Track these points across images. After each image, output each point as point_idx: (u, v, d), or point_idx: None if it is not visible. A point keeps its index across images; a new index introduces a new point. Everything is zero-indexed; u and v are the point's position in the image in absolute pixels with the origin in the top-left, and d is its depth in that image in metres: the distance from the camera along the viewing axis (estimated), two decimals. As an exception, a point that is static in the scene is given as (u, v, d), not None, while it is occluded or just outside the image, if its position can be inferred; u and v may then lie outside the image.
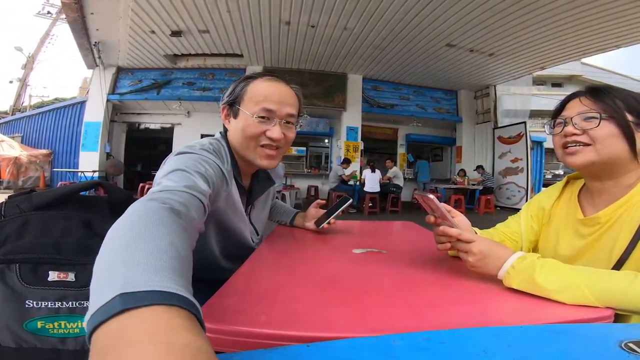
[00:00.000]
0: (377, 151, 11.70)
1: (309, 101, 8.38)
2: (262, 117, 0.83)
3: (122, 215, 0.41)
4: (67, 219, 0.56)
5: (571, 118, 0.74)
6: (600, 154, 0.71)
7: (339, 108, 8.94)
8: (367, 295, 0.58)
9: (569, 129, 0.74)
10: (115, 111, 9.17)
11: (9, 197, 0.60)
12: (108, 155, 8.88)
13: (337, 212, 1.13)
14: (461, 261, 0.70)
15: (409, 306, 0.53)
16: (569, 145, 0.75)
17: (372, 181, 7.31)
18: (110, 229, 0.38)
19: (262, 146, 0.86)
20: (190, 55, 8.25)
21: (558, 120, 0.78)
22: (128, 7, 5.98)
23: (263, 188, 1.03)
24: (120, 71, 8.85)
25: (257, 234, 1.05)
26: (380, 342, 0.36)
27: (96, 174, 8.26)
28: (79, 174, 8.19)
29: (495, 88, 9.42)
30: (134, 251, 0.32)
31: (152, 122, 9.88)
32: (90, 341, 0.24)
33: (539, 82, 15.22)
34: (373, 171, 7.37)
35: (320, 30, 6.62)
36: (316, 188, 9.36)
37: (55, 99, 17.62)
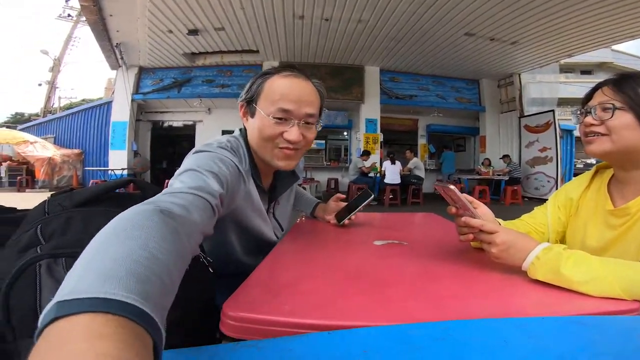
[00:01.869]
0: (396, 142, 11.54)
1: (327, 95, 8.32)
2: (279, 118, 0.79)
3: (110, 220, 0.39)
4: (107, 215, 0.60)
5: (592, 108, 0.74)
6: (616, 143, 0.71)
7: (357, 100, 8.88)
8: (388, 286, 0.59)
9: (588, 119, 0.75)
10: (140, 110, 9.50)
11: (52, 195, 0.65)
12: (135, 153, 9.23)
13: (358, 208, 1.13)
14: (484, 253, 0.70)
15: (430, 297, 0.54)
16: (589, 134, 0.76)
17: (392, 173, 7.24)
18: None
19: (280, 148, 0.82)
20: (207, 53, 8.40)
21: (583, 110, 0.78)
22: (145, 8, 6.14)
23: (287, 184, 1.00)
24: (142, 71, 9.13)
25: (282, 229, 1.04)
26: (400, 331, 0.37)
27: (125, 172, 8.61)
28: (109, 172, 8.57)
29: (519, 76, 9.13)
30: (97, 256, 0.31)
31: (175, 119, 10.15)
32: None
33: (567, 69, 14.55)
34: (393, 163, 7.30)
35: (335, 24, 6.58)
36: (336, 181, 9.36)
37: (83, 100, 18.36)
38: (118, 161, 8.73)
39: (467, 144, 11.41)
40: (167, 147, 11.37)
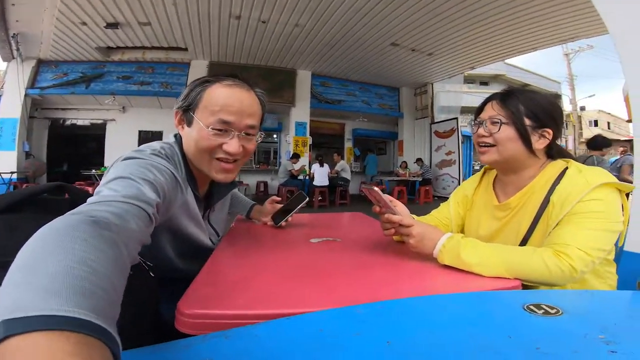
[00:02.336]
0: (324, 146, 11.92)
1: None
2: (219, 130, 0.76)
3: (36, 232, 0.36)
4: (36, 221, 0.56)
5: (484, 121, 0.88)
6: (501, 154, 0.86)
7: (288, 104, 8.94)
8: (329, 276, 0.67)
9: (480, 130, 0.89)
10: (35, 106, 8.18)
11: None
12: (27, 154, 7.90)
13: (295, 210, 1.20)
14: (404, 245, 0.82)
15: (363, 283, 0.63)
16: (480, 144, 0.90)
17: (321, 175, 7.48)
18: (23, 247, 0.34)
19: (218, 159, 0.79)
20: (126, 48, 7.62)
21: (477, 121, 0.92)
22: None
23: (224, 192, 0.99)
24: (41, 64, 7.91)
25: (218, 235, 1.04)
26: (347, 312, 0.45)
27: (14, 176, 7.31)
28: (-6, 175, 7.18)
29: (432, 86, 10.14)
30: (35, 271, 0.29)
31: (80, 117, 8.98)
32: None
33: (469, 80, 16.59)
34: (321, 165, 7.54)
35: (271, 26, 6.56)
36: (265, 184, 9.30)
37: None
38: (5, 163, 7.34)
39: (388, 148, 12.33)
40: (69, 148, 9.94)
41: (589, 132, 22.40)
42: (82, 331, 0.25)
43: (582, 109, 22.96)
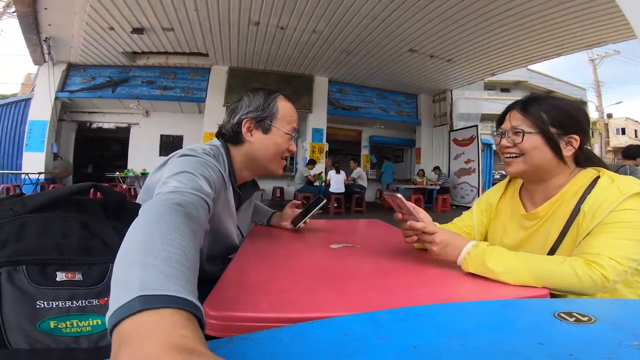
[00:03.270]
0: (341, 152, 11.92)
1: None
2: (291, 135, 0.98)
3: (140, 215, 0.48)
4: (66, 221, 0.58)
5: (506, 132, 0.86)
6: (528, 163, 0.84)
7: (305, 110, 9.00)
8: (349, 282, 0.66)
9: (503, 142, 0.87)
10: (63, 109, 8.54)
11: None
12: (55, 155, 8.24)
13: (312, 212, 1.20)
14: (426, 252, 0.80)
15: (385, 289, 0.62)
16: (505, 155, 0.88)
17: (337, 182, 7.47)
18: (130, 228, 0.44)
19: (283, 158, 1.00)
20: (151, 53, 7.89)
21: (499, 131, 0.90)
22: (87, 3, 5.62)
23: (250, 192, 1.11)
24: (71, 68, 8.25)
25: (242, 236, 1.11)
26: (372, 317, 0.44)
27: (42, 176, 7.63)
28: (23, 176, 7.52)
29: (451, 92, 9.98)
30: (149, 255, 0.38)
31: (106, 121, 9.31)
32: (111, 335, 0.30)
33: (489, 87, 16.28)
34: (338, 172, 7.53)
35: (289, 33, 6.65)
36: (281, 189, 9.36)
37: (-6, 96, 15.94)
38: (34, 164, 7.68)
39: (405, 155, 12.21)
40: (94, 150, 10.31)
41: (615, 141, 21.56)
42: (189, 309, 0.32)
43: (609, 116, 22.15)
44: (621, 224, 0.71)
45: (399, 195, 0.81)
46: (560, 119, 0.82)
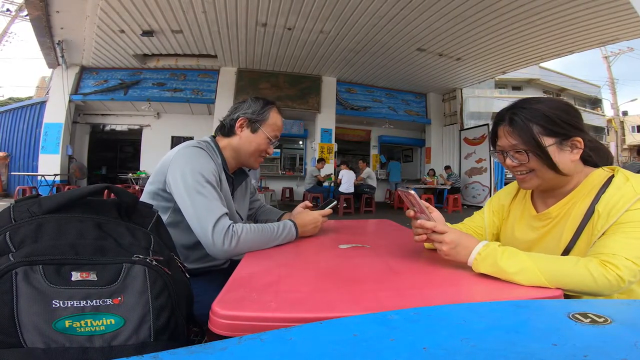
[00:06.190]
0: (350, 152, 11.89)
1: (284, 103, 8.43)
2: (271, 141, 1.18)
3: (245, 233, 0.93)
4: (80, 221, 0.59)
5: (507, 152, 0.83)
6: (541, 177, 0.81)
7: (314, 110, 9.02)
8: (358, 282, 0.66)
9: (509, 162, 0.84)
10: (77, 112, 8.73)
11: (16, 201, 0.62)
12: (70, 157, 8.43)
13: (325, 210, 1.21)
14: (436, 252, 0.80)
15: (395, 289, 0.62)
16: (517, 173, 0.85)
17: (348, 179, 7.43)
18: (243, 238, 0.92)
19: (261, 156, 1.21)
20: (161, 55, 8.01)
21: (498, 150, 0.87)
22: (97, 6, 5.74)
23: (241, 178, 1.29)
24: (83, 71, 8.44)
25: (242, 219, 1.26)
26: (381, 317, 0.44)
27: (57, 178, 7.82)
28: (39, 177, 7.71)
29: (461, 91, 9.88)
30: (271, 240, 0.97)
31: (119, 123, 9.49)
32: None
33: (500, 85, 16.01)
34: (349, 169, 7.49)
35: (297, 33, 6.67)
36: (291, 190, 9.38)
37: (10, 99, 16.39)
38: (49, 166, 7.87)
39: (415, 155, 12.10)
40: (108, 152, 10.52)
41: (631, 138, 20.99)
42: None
43: (625, 113, 21.54)
44: (636, 223, 0.69)
45: (412, 191, 0.80)
46: (552, 127, 0.78)
